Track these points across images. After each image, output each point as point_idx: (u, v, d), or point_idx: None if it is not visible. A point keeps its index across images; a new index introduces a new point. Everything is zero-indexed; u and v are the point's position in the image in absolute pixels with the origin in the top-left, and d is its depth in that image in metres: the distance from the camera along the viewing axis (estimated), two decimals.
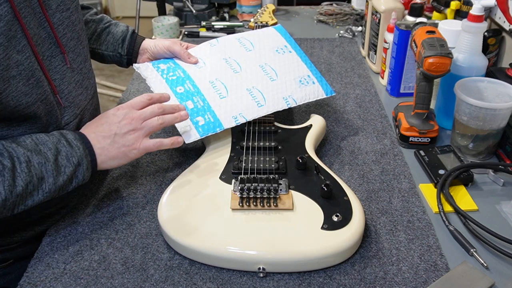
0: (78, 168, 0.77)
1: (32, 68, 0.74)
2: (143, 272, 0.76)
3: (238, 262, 0.74)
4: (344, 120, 1.14)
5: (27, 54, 0.73)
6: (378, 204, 0.89)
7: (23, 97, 0.73)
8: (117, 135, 0.81)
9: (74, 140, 0.78)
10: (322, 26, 1.74)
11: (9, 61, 0.70)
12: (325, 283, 0.73)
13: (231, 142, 0.95)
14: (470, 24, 1.00)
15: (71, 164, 0.76)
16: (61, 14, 0.83)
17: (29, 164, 0.72)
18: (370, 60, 1.40)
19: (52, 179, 0.74)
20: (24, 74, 0.73)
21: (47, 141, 0.76)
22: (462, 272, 0.74)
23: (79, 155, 0.77)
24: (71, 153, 0.76)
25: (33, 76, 0.75)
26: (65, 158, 0.75)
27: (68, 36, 0.84)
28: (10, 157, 0.71)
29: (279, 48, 1.08)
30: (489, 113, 0.93)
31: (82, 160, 0.77)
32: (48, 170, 0.74)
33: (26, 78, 0.73)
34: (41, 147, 0.74)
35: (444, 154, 0.98)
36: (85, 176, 0.79)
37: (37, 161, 0.73)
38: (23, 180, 0.71)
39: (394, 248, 0.79)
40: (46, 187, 0.74)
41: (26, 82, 0.73)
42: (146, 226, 0.84)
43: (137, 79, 1.35)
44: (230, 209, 0.79)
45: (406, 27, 1.15)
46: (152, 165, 1.00)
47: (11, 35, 0.70)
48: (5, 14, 0.69)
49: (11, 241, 0.87)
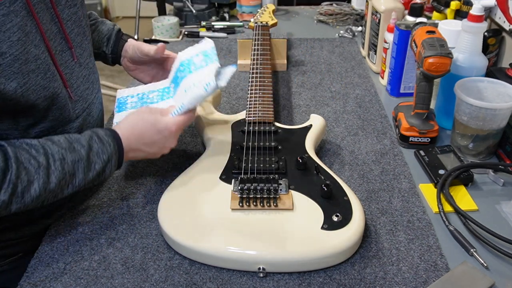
0: (108, 164, 0.79)
1: (47, 62, 0.76)
2: (143, 272, 0.76)
3: (238, 262, 0.74)
4: (344, 120, 1.14)
5: (42, 49, 0.75)
6: (378, 204, 0.89)
7: (41, 91, 0.75)
8: (151, 146, 0.85)
9: (105, 136, 0.79)
10: (322, 26, 1.74)
11: (27, 55, 0.72)
12: (325, 283, 0.73)
13: (231, 142, 0.95)
14: (470, 24, 1.00)
15: (101, 160, 0.78)
16: (69, 10, 0.85)
17: (63, 162, 0.74)
18: (370, 60, 1.40)
19: (82, 175, 0.76)
20: (42, 68, 0.75)
21: (80, 138, 0.77)
22: (462, 272, 0.74)
23: (109, 151, 0.78)
24: (102, 149, 0.78)
25: (49, 70, 0.77)
26: (96, 154, 0.77)
27: (76, 32, 0.87)
28: (45, 154, 0.73)
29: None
30: (489, 113, 0.93)
31: (112, 156, 0.79)
32: (80, 167, 0.76)
33: (44, 72, 0.75)
34: (75, 144, 0.76)
35: (444, 154, 0.98)
36: (112, 171, 0.80)
37: (70, 158, 0.74)
38: (57, 178, 0.73)
39: (394, 248, 0.79)
40: (76, 182, 0.76)
41: (44, 76, 0.75)
42: (146, 226, 0.84)
43: None
44: (230, 209, 0.79)
45: (406, 27, 1.15)
46: (152, 165, 1.00)
47: (28, 30, 0.72)
48: (20, 9, 0.70)
49: (22, 234, 0.89)
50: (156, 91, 0.99)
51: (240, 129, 0.98)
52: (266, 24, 1.37)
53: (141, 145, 0.83)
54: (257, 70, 1.14)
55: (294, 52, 1.51)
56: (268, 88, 1.08)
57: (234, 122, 1.01)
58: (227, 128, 0.99)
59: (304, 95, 1.25)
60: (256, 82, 1.10)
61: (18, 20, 0.70)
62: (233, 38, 1.61)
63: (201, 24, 1.68)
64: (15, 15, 0.70)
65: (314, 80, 1.33)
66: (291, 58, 1.47)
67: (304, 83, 1.32)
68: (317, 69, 1.40)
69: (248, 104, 1.03)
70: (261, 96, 1.05)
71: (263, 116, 0.99)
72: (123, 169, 0.98)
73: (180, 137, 1.08)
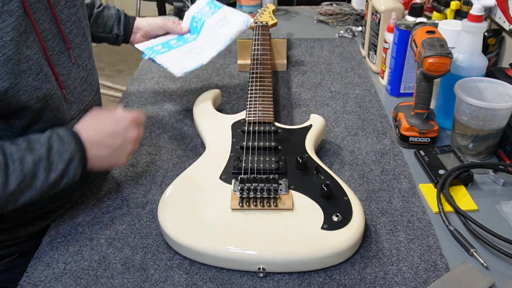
0: (71, 164, 0.75)
1: (40, 63, 0.76)
2: (143, 272, 0.76)
3: (238, 262, 0.74)
4: (344, 120, 1.14)
5: (35, 49, 0.75)
6: (378, 204, 0.89)
7: (33, 92, 0.75)
8: (114, 149, 0.81)
9: (65, 134, 0.76)
10: (322, 26, 1.74)
11: (20, 56, 0.71)
12: (325, 283, 0.73)
13: (231, 142, 0.95)
14: (470, 24, 1.00)
15: (63, 160, 0.75)
16: (69, 11, 0.85)
17: (22, 162, 0.71)
18: (370, 60, 1.40)
19: (44, 176, 0.73)
20: (33, 68, 0.74)
21: (39, 138, 0.75)
22: (462, 272, 0.74)
23: (71, 150, 0.75)
24: (63, 148, 0.75)
25: (41, 71, 0.76)
26: (57, 154, 0.74)
27: (75, 33, 0.86)
28: (3, 153, 0.70)
29: None
30: (489, 113, 0.93)
31: (74, 155, 0.76)
32: (41, 168, 0.73)
33: (36, 73, 0.75)
34: (34, 144, 0.74)
35: (444, 154, 0.98)
36: (77, 172, 0.77)
37: (30, 159, 0.72)
38: (16, 179, 0.70)
39: (394, 248, 0.79)
40: (38, 184, 0.73)
41: (36, 77, 0.75)
42: (146, 226, 0.84)
43: (137, 79, 1.35)
44: (230, 209, 0.79)
45: (406, 27, 1.15)
46: (152, 165, 1.00)
47: (22, 30, 0.72)
48: (16, 9, 0.70)
49: (17, 235, 0.89)
50: (174, 39, 1.16)
51: (240, 129, 0.98)
52: (266, 24, 1.37)
53: (103, 138, 0.80)
54: (257, 70, 1.14)
55: (294, 52, 1.51)
56: (268, 88, 1.08)
57: (234, 122, 1.01)
58: (227, 128, 0.99)
59: (304, 95, 1.25)
60: (256, 82, 1.10)
61: (12, 20, 0.70)
62: None
63: None
64: (9, 15, 0.70)
65: (314, 80, 1.33)
66: (291, 58, 1.47)
67: (304, 83, 1.32)
68: (317, 69, 1.40)
69: (248, 104, 1.03)
70: (261, 96, 1.05)
71: (263, 116, 0.99)
72: (123, 169, 0.98)
73: (179, 137, 1.08)
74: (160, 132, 1.11)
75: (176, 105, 1.22)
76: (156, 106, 1.21)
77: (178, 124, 1.14)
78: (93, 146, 0.79)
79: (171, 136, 1.09)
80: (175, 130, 1.12)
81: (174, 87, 1.31)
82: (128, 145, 0.83)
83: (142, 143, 1.07)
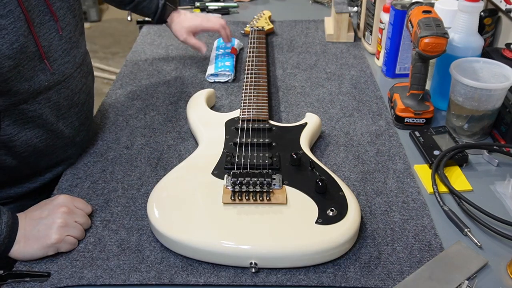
0: None
1: (17, 33, 0.76)
2: (138, 254, 0.76)
3: (229, 257, 0.72)
4: (340, 101, 1.14)
5: (11, 19, 0.75)
6: (373, 185, 0.89)
7: (5, 60, 0.75)
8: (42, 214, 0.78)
9: (4, 223, 0.74)
10: (317, 7, 1.73)
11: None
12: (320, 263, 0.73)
13: (224, 139, 0.93)
14: (466, 4, 1.00)
15: None
16: None
17: None
18: (365, 41, 1.39)
19: None
20: (7, 38, 0.75)
21: None
22: (456, 252, 0.74)
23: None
24: None
25: (17, 41, 0.76)
26: None
27: (58, 5, 0.86)
28: None
29: None
30: (484, 93, 0.93)
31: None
32: None
33: (10, 43, 0.75)
34: None
35: (439, 135, 0.98)
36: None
37: None
38: None
39: (389, 229, 0.80)
40: None
41: (10, 47, 0.75)
42: (141, 208, 0.84)
43: (131, 61, 1.34)
44: (222, 204, 0.78)
45: (402, 7, 1.14)
46: (146, 147, 0.99)
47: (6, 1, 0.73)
48: None
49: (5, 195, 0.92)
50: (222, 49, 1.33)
51: (234, 127, 0.96)
52: (262, 28, 1.39)
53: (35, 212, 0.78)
54: (252, 71, 1.14)
55: (289, 33, 1.50)
56: (263, 87, 1.08)
57: (228, 120, 0.99)
58: (220, 126, 0.97)
59: (299, 76, 1.25)
60: (251, 82, 1.09)
61: None
62: None
63: (195, 5, 1.65)
64: None
65: (309, 61, 1.32)
66: (286, 39, 1.46)
67: (299, 64, 1.31)
68: (312, 50, 1.39)
69: (242, 102, 1.02)
70: (256, 95, 1.04)
71: (257, 114, 0.98)
72: (117, 152, 0.98)
73: (174, 119, 1.08)
74: (154, 114, 1.10)
75: (170, 87, 1.21)
76: (151, 88, 1.20)
77: (172, 106, 1.13)
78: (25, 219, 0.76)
79: (166, 118, 1.09)
80: (169, 112, 1.11)
81: (168, 68, 1.30)
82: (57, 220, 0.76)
83: (136, 125, 1.06)
